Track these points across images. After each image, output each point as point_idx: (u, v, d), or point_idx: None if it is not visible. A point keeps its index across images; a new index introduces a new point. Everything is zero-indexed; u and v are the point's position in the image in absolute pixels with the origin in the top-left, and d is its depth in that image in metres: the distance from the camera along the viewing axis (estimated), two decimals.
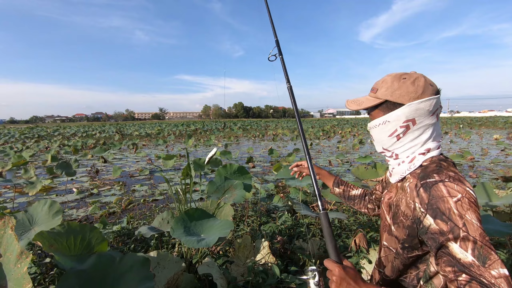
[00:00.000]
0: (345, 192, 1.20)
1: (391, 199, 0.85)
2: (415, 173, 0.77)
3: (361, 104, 0.84)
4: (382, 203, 0.91)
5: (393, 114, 0.77)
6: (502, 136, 16.25)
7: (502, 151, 10.22)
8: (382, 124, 0.80)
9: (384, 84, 0.79)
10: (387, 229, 0.84)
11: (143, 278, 1.11)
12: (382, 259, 0.87)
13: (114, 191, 5.67)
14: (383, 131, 0.81)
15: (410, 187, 0.75)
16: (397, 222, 0.78)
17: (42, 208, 1.89)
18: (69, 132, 26.77)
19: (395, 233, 0.79)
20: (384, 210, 0.88)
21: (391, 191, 0.87)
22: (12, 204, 4.36)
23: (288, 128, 28.07)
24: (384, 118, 0.80)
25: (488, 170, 6.97)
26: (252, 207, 3.80)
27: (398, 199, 0.80)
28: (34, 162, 9.60)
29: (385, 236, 0.85)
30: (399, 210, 0.78)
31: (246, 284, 1.82)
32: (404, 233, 0.75)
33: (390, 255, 0.83)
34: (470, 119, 48.55)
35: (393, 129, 0.79)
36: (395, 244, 0.80)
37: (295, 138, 17.54)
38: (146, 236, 1.95)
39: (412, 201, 0.72)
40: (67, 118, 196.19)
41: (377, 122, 0.82)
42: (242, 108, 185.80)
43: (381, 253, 0.88)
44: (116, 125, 58.69)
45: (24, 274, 0.91)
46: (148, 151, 12.46)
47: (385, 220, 0.86)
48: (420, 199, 0.69)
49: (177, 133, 23.61)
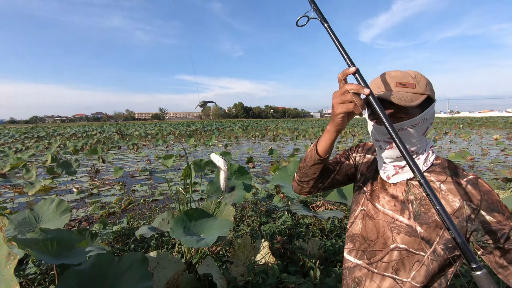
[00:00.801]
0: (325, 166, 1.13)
1: (400, 197, 0.78)
2: (434, 171, 0.77)
3: (413, 100, 0.71)
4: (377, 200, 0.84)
5: (430, 111, 0.74)
6: (502, 136, 16.26)
7: (502, 151, 10.22)
8: (421, 123, 0.73)
9: (420, 80, 0.74)
10: (403, 230, 0.76)
11: (142, 277, 1.11)
12: (392, 263, 0.78)
13: (114, 191, 5.67)
14: (420, 129, 0.74)
15: (448, 186, 0.73)
16: (428, 222, 0.73)
17: (48, 207, 1.90)
18: (69, 132, 26.78)
19: (423, 234, 0.73)
20: (387, 209, 0.81)
21: (391, 187, 0.81)
22: (12, 204, 4.36)
23: (288, 129, 28.08)
24: (423, 115, 0.73)
25: (488, 170, 6.97)
26: (252, 207, 3.80)
27: (422, 197, 0.75)
28: (34, 163, 9.59)
29: (402, 238, 0.76)
30: (431, 210, 0.73)
31: (246, 284, 1.82)
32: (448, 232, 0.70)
33: (410, 257, 0.76)
34: (470, 119, 48.59)
35: (426, 126, 0.75)
36: (421, 246, 0.74)
37: (295, 138, 17.55)
38: (146, 237, 1.95)
39: (457, 199, 0.70)
40: (67, 118, 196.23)
41: (416, 120, 0.72)
42: (242, 108, 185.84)
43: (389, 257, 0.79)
44: (116, 125, 58.71)
45: (11, 276, 0.91)
46: (148, 151, 12.46)
47: (395, 220, 0.78)
48: (469, 196, 0.69)
49: (177, 133, 23.61)
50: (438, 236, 0.72)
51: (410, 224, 0.75)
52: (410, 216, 0.76)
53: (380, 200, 0.83)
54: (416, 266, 0.75)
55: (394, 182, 0.80)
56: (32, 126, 63.98)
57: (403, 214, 0.77)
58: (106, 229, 2.99)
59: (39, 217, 1.85)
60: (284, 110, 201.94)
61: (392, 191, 0.81)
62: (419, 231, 0.74)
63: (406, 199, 0.77)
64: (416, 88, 0.73)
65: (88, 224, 3.75)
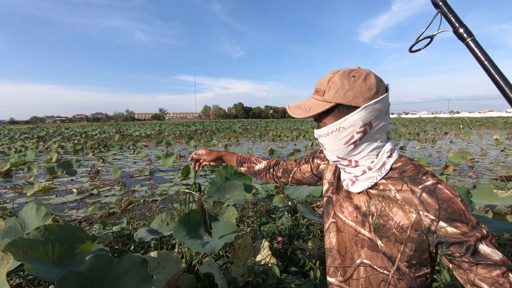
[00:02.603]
0: (249, 169, 1.16)
1: (363, 208, 0.73)
2: (391, 178, 0.70)
3: (309, 110, 0.70)
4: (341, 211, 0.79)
5: (349, 120, 0.67)
6: (502, 136, 16.26)
7: (501, 151, 10.22)
8: (336, 132, 0.69)
9: (332, 85, 0.68)
10: (366, 244, 0.72)
11: (142, 279, 1.11)
12: (361, 281, 0.73)
13: (114, 192, 5.66)
14: (337, 139, 0.70)
15: (403, 195, 0.66)
16: (387, 236, 0.67)
17: (30, 212, 1.85)
18: (69, 133, 26.78)
19: (384, 249, 0.68)
20: (350, 220, 0.76)
21: (355, 196, 0.77)
22: (12, 204, 4.36)
23: (288, 129, 28.08)
24: (338, 125, 0.68)
25: (488, 170, 6.97)
26: (252, 208, 3.79)
27: (381, 208, 0.69)
28: (34, 163, 9.59)
29: (365, 253, 0.72)
30: (389, 222, 0.67)
31: (246, 284, 1.82)
32: (409, 247, 0.65)
33: (375, 275, 0.70)
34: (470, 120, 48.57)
35: (349, 136, 0.69)
36: (384, 263, 0.69)
37: (295, 139, 17.54)
38: (145, 240, 1.94)
39: (413, 210, 0.64)
40: (67, 119, 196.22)
41: (328, 129, 0.70)
42: (242, 109, 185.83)
43: (357, 274, 0.74)
44: (116, 125, 58.69)
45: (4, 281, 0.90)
46: (148, 151, 12.45)
47: (358, 233, 0.74)
48: (426, 206, 0.62)
49: (177, 134, 23.61)
50: (399, 252, 0.66)
51: (371, 237, 0.71)
52: (371, 228, 0.71)
53: (344, 210, 0.78)
54: (383, 286, 0.69)
55: (356, 192, 0.75)
56: (32, 126, 63.99)
57: (364, 227, 0.72)
58: (106, 230, 2.99)
59: (25, 224, 1.80)
60: (284, 110, 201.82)
61: (356, 201, 0.76)
62: (379, 245, 0.69)
63: (368, 210, 0.72)
64: (324, 96, 0.69)
65: (88, 224, 3.74)
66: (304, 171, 1.02)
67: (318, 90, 0.71)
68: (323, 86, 0.70)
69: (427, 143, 13.46)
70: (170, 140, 15.58)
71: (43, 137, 21.70)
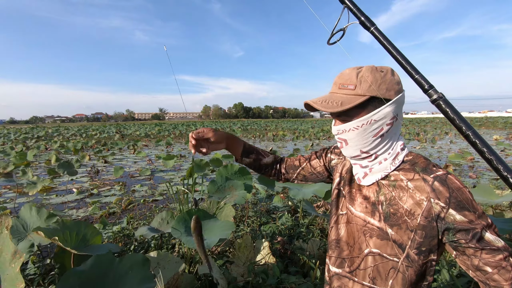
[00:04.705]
0: (255, 162, 1.05)
1: (372, 198, 0.76)
2: (403, 169, 0.73)
3: (341, 104, 0.70)
4: (351, 203, 0.81)
5: (381, 112, 0.70)
6: (502, 136, 16.25)
7: (501, 151, 10.22)
8: (367, 124, 0.71)
9: (363, 79, 0.70)
10: (375, 233, 0.74)
11: (143, 278, 1.11)
12: (369, 270, 0.75)
13: (114, 191, 5.67)
14: (367, 132, 0.72)
15: (415, 183, 0.69)
16: (398, 224, 0.70)
17: (31, 213, 1.90)
18: (69, 133, 26.78)
19: (395, 237, 0.70)
20: (359, 211, 0.78)
21: (365, 189, 0.79)
22: (13, 204, 4.37)
23: (288, 129, 28.07)
24: (369, 117, 0.70)
25: (488, 170, 6.97)
26: (252, 208, 3.80)
27: (391, 197, 0.72)
28: (34, 163, 9.59)
29: (374, 242, 0.74)
30: (399, 210, 0.70)
31: (246, 284, 1.82)
32: (419, 235, 0.68)
33: (384, 263, 0.72)
34: (470, 120, 48.53)
35: (379, 128, 0.71)
36: (394, 250, 0.71)
37: (295, 139, 17.55)
38: (146, 237, 1.95)
39: (424, 197, 0.67)
40: (67, 119, 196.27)
41: (358, 123, 0.71)
42: (242, 109, 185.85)
43: (364, 263, 0.76)
44: (116, 125, 58.71)
45: (17, 274, 0.91)
46: (148, 151, 12.46)
47: (367, 223, 0.76)
48: (437, 194, 0.65)
49: (177, 134, 23.61)
50: (409, 239, 0.69)
51: (381, 226, 0.73)
52: (381, 218, 0.73)
53: (354, 203, 0.81)
54: (392, 273, 0.71)
55: (367, 184, 0.78)
56: (32, 126, 64.00)
57: (373, 216, 0.75)
58: (106, 229, 2.99)
59: (27, 224, 1.84)
60: (284, 110, 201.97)
61: (365, 192, 0.79)
62: (390, 233, 0.71)
63: (377, 200, 0.75)
64: (356, 90, 0.70)
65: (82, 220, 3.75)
66: (315, 166, 1.01)
67: (346, 85, 0.72)
68: (351, 81, 0.71)
69: (427, 143, 13.47)
70: (170, 140, 15.60)
71: (42, 137, 21.70)
